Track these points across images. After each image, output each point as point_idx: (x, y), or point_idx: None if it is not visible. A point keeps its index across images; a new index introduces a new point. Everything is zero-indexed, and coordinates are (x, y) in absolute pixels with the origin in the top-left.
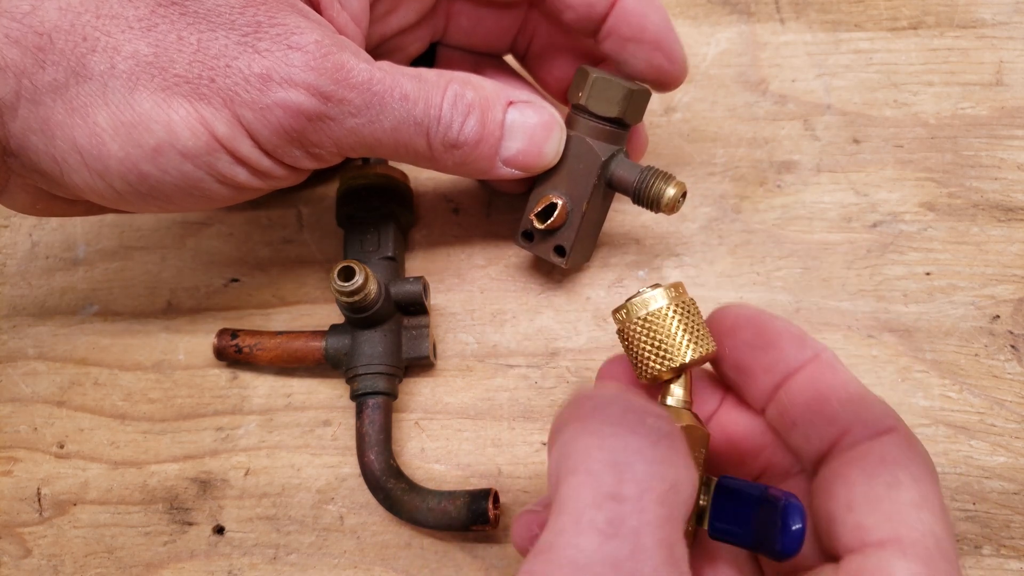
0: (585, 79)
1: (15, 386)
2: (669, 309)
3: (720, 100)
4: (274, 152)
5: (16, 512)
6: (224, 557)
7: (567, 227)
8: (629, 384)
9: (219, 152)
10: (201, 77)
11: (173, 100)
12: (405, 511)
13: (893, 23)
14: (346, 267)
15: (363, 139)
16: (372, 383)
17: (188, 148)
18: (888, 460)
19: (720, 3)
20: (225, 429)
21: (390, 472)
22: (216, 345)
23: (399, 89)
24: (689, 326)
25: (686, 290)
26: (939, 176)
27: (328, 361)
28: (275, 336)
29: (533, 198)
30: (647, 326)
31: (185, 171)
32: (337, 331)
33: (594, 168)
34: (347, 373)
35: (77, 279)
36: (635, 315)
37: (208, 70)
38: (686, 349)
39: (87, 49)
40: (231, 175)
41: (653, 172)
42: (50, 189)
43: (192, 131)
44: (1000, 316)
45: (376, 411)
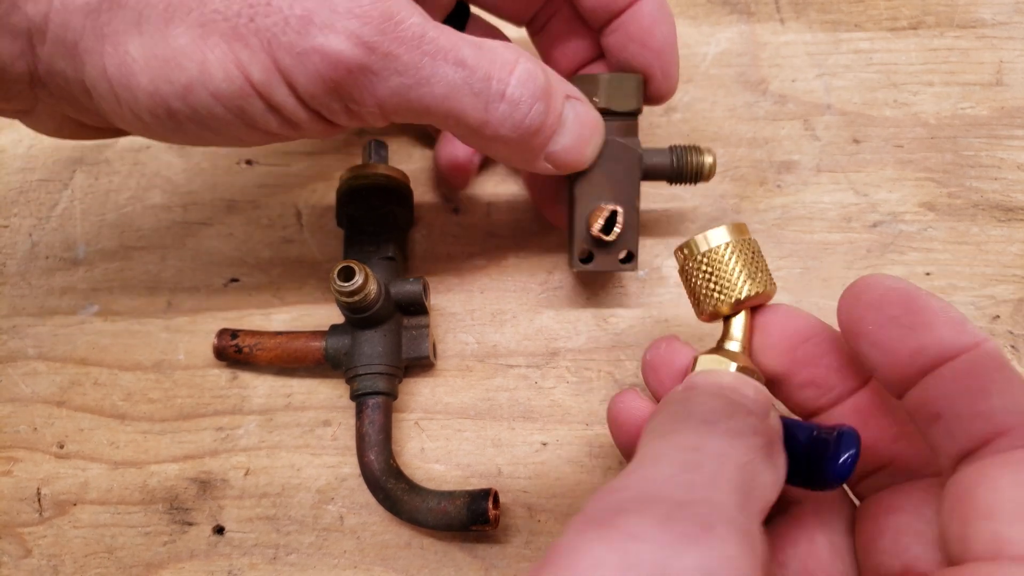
0: (596, 82)
1: (15, 386)
2: (728, 247)
3: (720, 100)
4: (311, 102)
5: (16, 512)
6: (224, 557)
7: (627, 232)
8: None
9: (252, 97)
10: (240, 15)
11: (209, 38)
12: (405, 511)
13: (893, 23)
14: (346, 267)
15: (409, 102)
16: (372, 383)
17: (220, 90)
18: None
19: (720, 3)
20: (225, 429)
21: (390, 472)
22: (216, 345)
23: (455, 53)
24: (747, 263)
25: (748, 231)
26: (939, 176)
27: (328, 361)
28: (275, 336)
29: (578, 218)
30: (707, 261)
31: (216, 112)
32: (337, 331)
33: (636, 164)
34: (347, 373)
35: (77, 279)
36: (696, 251)
37: (248, 7)
38: (743, 285)
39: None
40: (263, 122)
41: (682, 148)
42: (78, 116)
43: (226, 73)
44: (1000, 316)
45: (376, 411)
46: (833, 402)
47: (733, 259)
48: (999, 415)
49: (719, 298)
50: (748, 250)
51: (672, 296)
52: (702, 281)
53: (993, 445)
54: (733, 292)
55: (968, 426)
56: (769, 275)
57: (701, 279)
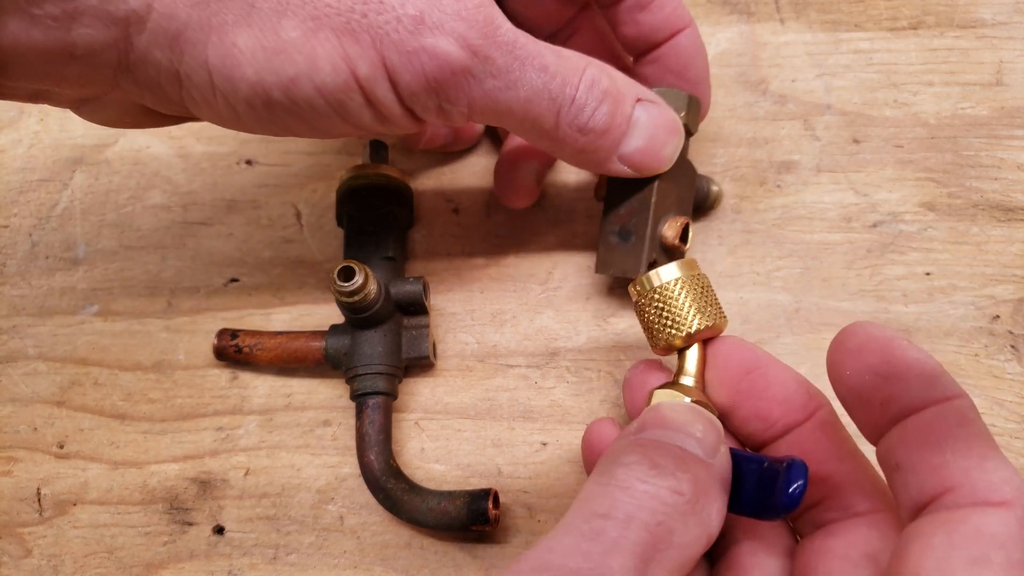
0: (679, 98)
1: (15, 386)
2: (679, 283)
3: (720, 100)
4: (410, 100)
5: (16, 512)
6: (224, 557)
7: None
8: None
9: (354, 92)
10: (353, 10)
11: (320, 32)
12: (405, 511)
13: (893, 23)
14: (346, 267)
15: (496, 104)
16: (372, 383)
17: (326, 84)
18: (984, 535)
19: (720, 3)
20: (225, 429)
21: (390, 472)
22: (216, 345)
23: (540, 59)
24: (697, 298)
25: (698, 266)
26: (939, 176)
27: (328, 361)
28: (275, 336)
29: (653, 221)
30: (659, 297)
31: (315, 105)
32: (337, 331)
33: (693, 180)
34: (347, 373)
35: (77, 279)
36: (649, 287)
37: (362, 3)
38: (693, 319)
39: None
40: (356, 116)
41: (702, 178)
42: (155, 105)
43: (334, 68)
44: (1000, 316)
45: (376, 411)
46: (777, 435)
47: (683, 294)
48: (948, 470)
49: (672, 332)
50: (698, 285)
51: None
52: (655, 316)
53: (939, 501)
54: (684, 326)
55: (921, 479)
56: (719, 308)
57: (654, 314)
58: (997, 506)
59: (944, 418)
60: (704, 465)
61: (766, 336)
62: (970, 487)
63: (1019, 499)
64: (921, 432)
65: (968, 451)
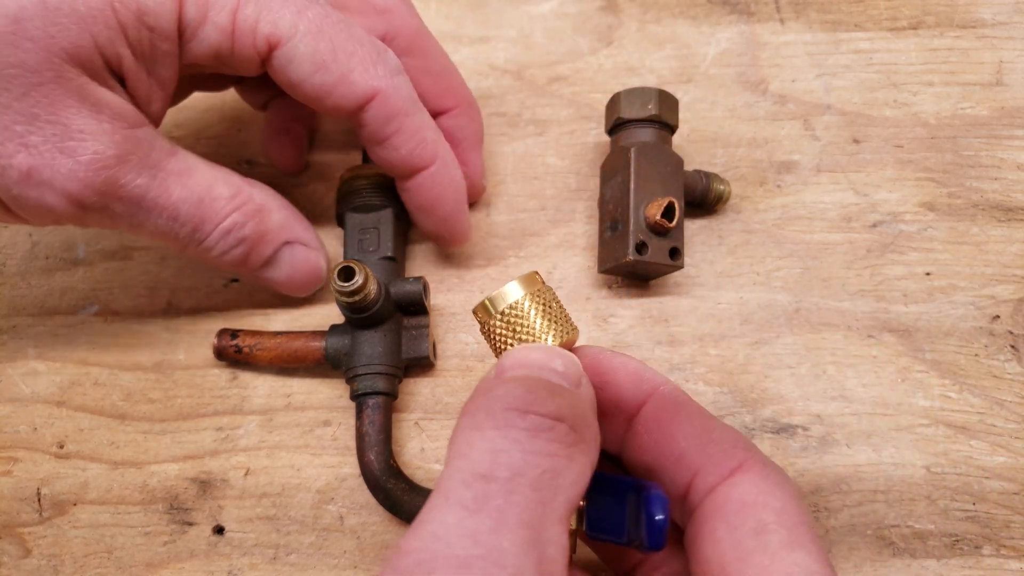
0: (650, 94)
1: (15, 386)
2: (525, 300)
3: (720, 100)
4: (23, 216)
5: (16, 512)
6: (224, 557)
7: (675, 228)
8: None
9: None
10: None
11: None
12: (405, 511)
13: (893, 23)
14: (346, 267)
15: (124, 229)
16: (372, 383)
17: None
18: (748, 503)
19: (720, 3)
20: (225, 429)
21: (390, 472)
22: (216, 345)
23: (171, 210)
24: (545, 314)
25: (541, 278)
26: (939, 176)
27: (328, 361)
28: (275, 336)
29: (634, 204)
30: (507, 320)
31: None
32: (337, 331)
33: (679, 169)
34: (347, 373)
35: (77, 279)
36: (493, 310)
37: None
38: (546, 337)
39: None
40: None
41: (706, 174)
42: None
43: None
44: (1000, 316)
45: (376, 411)
46: (631, 415)
47: (532, 312)
48: (687, 456)
49: None
50: (543, 300)
51: (672, 296)
52: (504, 338)
53: (694, 488)
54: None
55: (672, 473)
56: (569, 320)
57: (502, 337)
58: (738, 471)
59: (661, 410)
60: (573, 393)
61: (766, 336)
62: (711, 463)
63: (750, 455)
64: (650, 431)
65: (692, 430)
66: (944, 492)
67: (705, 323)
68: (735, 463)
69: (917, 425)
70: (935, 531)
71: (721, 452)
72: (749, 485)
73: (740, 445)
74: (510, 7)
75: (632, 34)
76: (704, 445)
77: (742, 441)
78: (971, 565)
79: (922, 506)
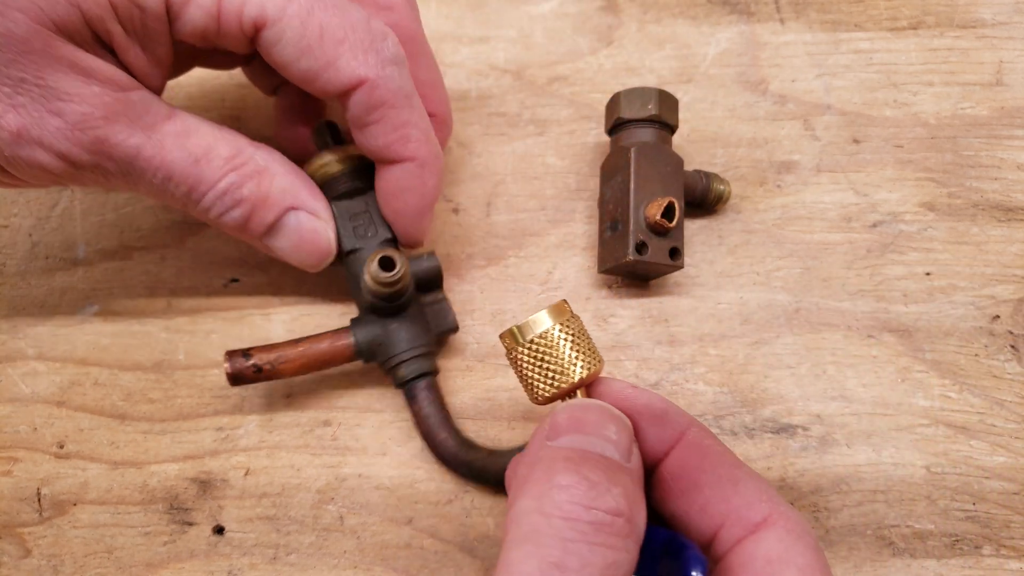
0: (651, 94)
1: (15, 386)
2: (555, 331)
3: (720, 100)
4: (19, 176)
5: (16, 512)
6: (224, 557)
7: (675, 228)
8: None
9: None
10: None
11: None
12: (492, 475)
13: (893, 23)
14: (385, 257)
15: (117, 189)
16: (420, 366)
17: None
18: (773, 559)
19: (720, 3)
20: (225, 429)
21: (467, 445)
22: (231, 370)
23: (165, 170)
24: (576, 344)
25: (570, 307)
26: (939, 176)
27: (360, 356)
28: (295, 345)
29: (634, 204)
30: (535, 348)
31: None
32: (362, 324)
33: (679, 169)
34: (386, 364)
35: (77, 279)
36: (522, 339)
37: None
38: (578, 368)
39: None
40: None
41: (706, 174)
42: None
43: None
44: (1000, 316)
45: (430, 391)
46: (659, 458)
47: (562, 342)
48: (712, 506)
49: (555, 383)
50: (574, 329)
51: (672, 296)
52: (533, 368)
53: (720, 537)
54: (568, 376)
55: (697, 522)
56: (595, 351)
57: (530, 366)
58: (763, 526)
59: (688, 457)
60: (626, 471)
61: (766, 336)
62: (735, 516)
63: (776, 508)
64: (675, 478)
65: (719, 480)
66: (944, 492)
67: (705, 323)
68: (760, 517)
69: (917, 425)
70: (935, 531)
71: (747, 506)
72: (775, 541)
73: (764, 497)
74: (510, 7)
75: (632, 34)
76: (730, 497)
77: (766, 492)
78: (971, 565)
79: (922, 506)
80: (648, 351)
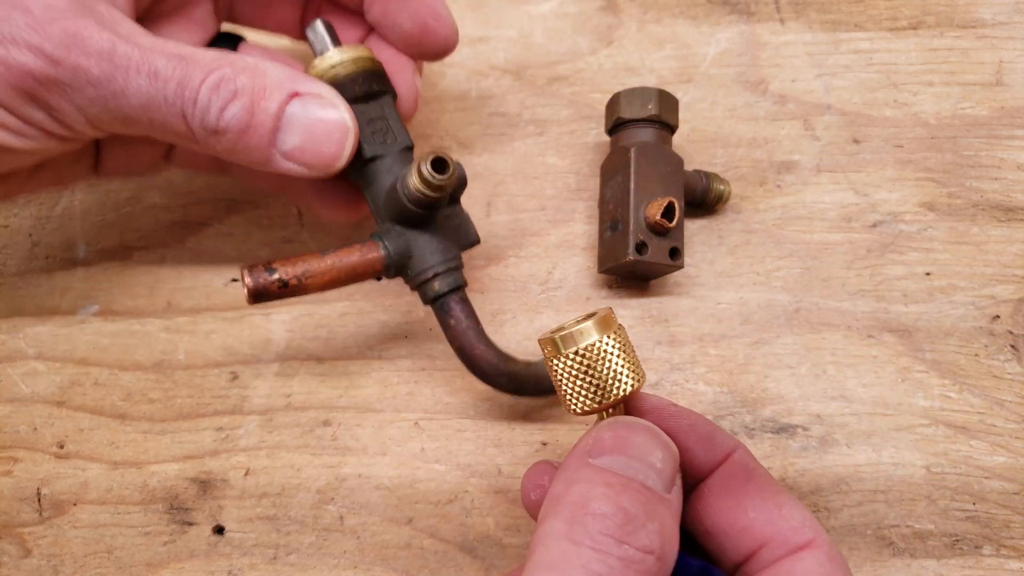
0: (649, 94)
1: (15, 386)
2: (603, 343)
3: (720, 100)
4: (12, 109)
5: (16, 512)
6: (224, 557)
7: (675, 228)
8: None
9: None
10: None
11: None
12: (532, 386)
13: (893, 23)
14: (440, 159)
15: (111, 112)
16: (454, 279)
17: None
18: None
19: (720, 3)
20: (225, 429)
21: (505, 356)
22: (252, 286)
23: (148, 65)
24: (623, 358)
25: (615, 317)
26: (939, 176)
27: (389, 270)
28: (323, 258)
29: (634, 203)
30: (581, 360)
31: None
32: (390, 236)
33: (679, 169)
34: (417, 277)
35: (77, 279)
36: (565, 349)
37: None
38: (624, 383)
39: None
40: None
41: (706, 174)
42: None
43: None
44: (1000, 316)
45: (465, 304)
46: (700, 478)
47: (609, 356)
48: (755, 527)
49: (598, 396)
50: (620, 342)
51: (672, 296)
52: (575, 379)
53: (759, 557)
54: (613, 390)
55: (735, 541)
56: (639, 365)
57: (572, 377)
58: (805, 548)
59: (732, 476)
60: (666, 504)
61: (766, 336)
62: (780, 538)
63: (818, 535)
64: (717, 497)
65: (764, 503)
66: (944, 492)
67: (705, 323)
68: (803, 540)
69: (917, 425)
70: (935, 531)
71: (791, 530)
72: (813, 563)
73: (808, 524)
74: (510, 7)
75: (632, 34)
76: (775, 520)
77: (810, 519)
78: (971, 565)
79: (922, 506)
80: (648, 351)
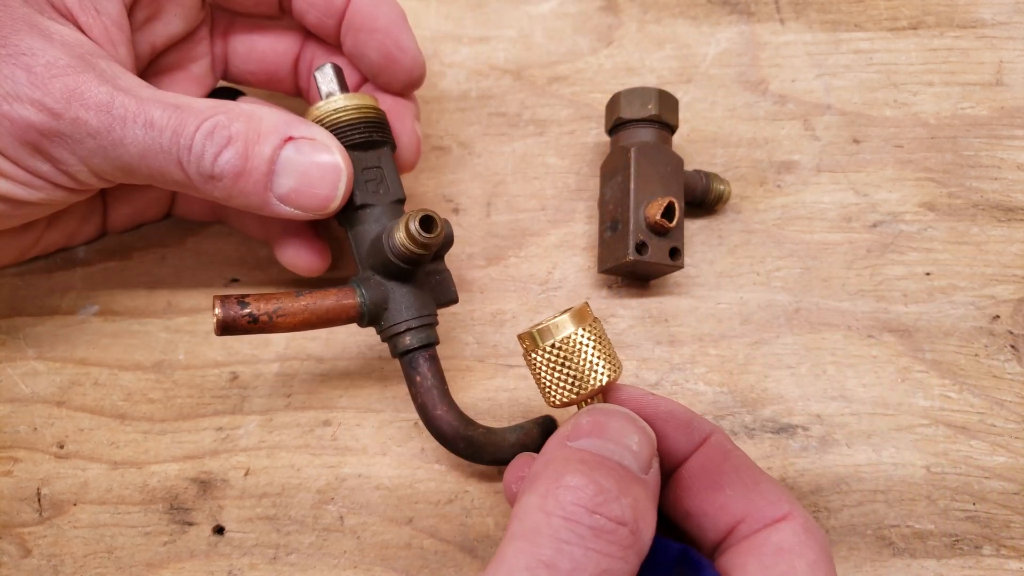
0: (650, 94)
1: (15, 386)
2: (577, 335)
3: (720, 100)
4: (18, 161)
5: (16, 512)
6: (224, 557)
7: (675, 228)
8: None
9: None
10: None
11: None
12: (488, 454)
13: (893, 23)
14: (428, 217)
15: (111, 161)
16: (425, 335)
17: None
18: (784, 549)
19: (720, 3)
20: (225, 429)
21: (466, 420)
22: (221, 317)
23: (144, 115)
24: (598, 350)
25: (591, 311)
26: (939, 176)
27: (363, 318)
28: (297, 298)
29: (634, 204)
30: (557, 353)
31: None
32: (368, 284)
33: (679, 169)
34: (389, 329)
35: (77, 279)
36: (542, 343)
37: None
38: (600, 374)
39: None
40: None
41: (706, 174)
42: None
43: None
44: (1000, 316)
45: (433, 363)
46: (679, 462)
47: (584, 348)
48: (733, 504)
49: (575, 388)
50: (595, 334)
51: (672, 296)
52: (551, 372)
53: (736, 532)
54: (590, 381)
55: (714, 520)
56: (615, 357)
57: (549, 370)
58: (782, 520)
59: (710, 459)
60: (642, 483)
61: (766, 336)
62: (756, 513)
63: (795, 508)
64: (695, 478)
65: (740, 481)
66: (944, 492)
67: (705, 323)
68: (780, 514)
69: (917, 425)
70: (935, 531)
71: (768, 504)
72: (789, 533)
73: (785, 498)
74: (510, 7)
75: (632, 34)
76: (752, 497)
77: (786, 495)
78: (971, 565)
79: (922, 506)
80: (648, 351)
